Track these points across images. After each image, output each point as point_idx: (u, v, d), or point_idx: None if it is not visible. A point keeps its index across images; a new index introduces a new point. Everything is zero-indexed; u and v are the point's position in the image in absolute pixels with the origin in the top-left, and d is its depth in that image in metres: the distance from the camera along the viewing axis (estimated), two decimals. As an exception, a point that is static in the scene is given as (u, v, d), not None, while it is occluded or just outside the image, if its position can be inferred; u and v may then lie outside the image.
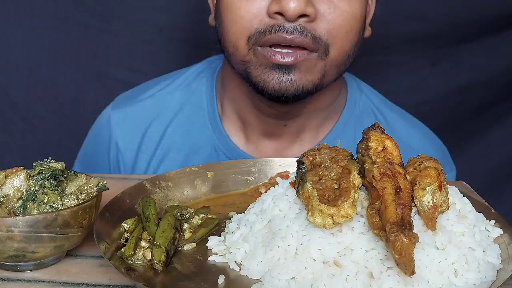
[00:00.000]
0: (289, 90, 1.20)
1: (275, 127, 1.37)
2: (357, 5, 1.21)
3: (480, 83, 2.05)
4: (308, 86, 1.22)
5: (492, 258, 0.81)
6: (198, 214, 0.96)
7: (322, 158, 0.89)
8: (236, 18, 1.20)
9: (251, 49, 1.20)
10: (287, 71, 1.19)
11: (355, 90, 1.46)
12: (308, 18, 1.16)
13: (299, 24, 1.16)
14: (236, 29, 1.21)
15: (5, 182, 0.87)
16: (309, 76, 1.21)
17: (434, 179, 0.82)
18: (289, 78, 1.19)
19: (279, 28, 1.16)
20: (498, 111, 2.10)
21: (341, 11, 1.19)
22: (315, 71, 1.21)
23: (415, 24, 1.51)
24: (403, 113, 1.52)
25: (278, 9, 1.15)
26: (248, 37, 1.20)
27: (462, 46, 2.00)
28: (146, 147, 1.43)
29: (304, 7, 1.14)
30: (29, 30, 1.90)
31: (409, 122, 1.49)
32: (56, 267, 0.87)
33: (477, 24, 1.95)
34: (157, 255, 0.82)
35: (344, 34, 1.20)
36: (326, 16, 1.18)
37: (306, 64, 1.19)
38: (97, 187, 0.90)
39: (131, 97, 1.50)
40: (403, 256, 0.70)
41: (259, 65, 1.21)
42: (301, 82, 1.20)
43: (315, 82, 1.22)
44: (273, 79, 1.19)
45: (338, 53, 1.21)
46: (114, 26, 1.91)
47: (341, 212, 0.78)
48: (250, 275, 0.81)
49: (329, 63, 1.22)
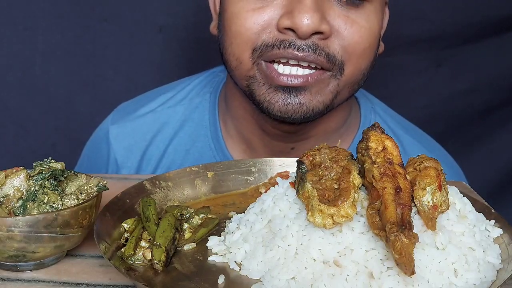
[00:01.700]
0: (297, 112, 1.11)
1: (282, 151, 1.27)
2: (375, 20, 1.13)
3: (485, 85, 2.04)
4: (319, 108, 1.12)
5: (492, 258, 0.81)
6: (198, 214, 0.96)
7: (322, 158, 0.89)
8: (242, 30, 1.11)
9: (255, 62, 1.12)
10: (295, 93, 1.10)
11: (369, 112, 1.36)
12: (322, 35, 1.07)
13: (312, 42, 1.07)
14: (240, 41, 1.12)
15: (5, 182, 0.87)
16: (320, 97, 1.12)
17: (434, 179, 0.82)
18: (298, 101, 1.10)
19: (290, 44, 1.07)
20: (504, 113, 2.08)
21: (359, 27, 1.10)
22: (327, 91, 1.12)
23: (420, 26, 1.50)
24: (418, 134, 1.43)
25: (289, 25, 1.06)
26: (253, 49, 1.11)
27: (467, 48, 1.98)
28: (146, 166, 1.36)
29: (319, 24, 1.05)
30: (22, 30, 1.84)
31: (424, 145, 1.39)
32: (56, 267, 0.87)
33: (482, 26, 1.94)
34: (157, 255, 0.82)
35: (361, 52, 1.11)
36: (342, 33, 1.09)
37: (318, 85, 1.11)
38: (97, 187, 0.90)
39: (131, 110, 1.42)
40: (403, 256, 0.71)
41: (263, 83, 1.12)
42: (311, 104, 1.11)
43: (327, 103, 1.13)
44: (278, 101, 1.10)
45: (354, 71, 1.13)
46: (113, 26, 1.89)
47: (341, 212, 0.78)
48: (250, 275, 0.81)
49: (343, 82, 1.13)
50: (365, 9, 1.12)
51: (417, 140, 1.40)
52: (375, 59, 1.18)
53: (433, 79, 2.02)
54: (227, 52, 1.17)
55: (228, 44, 1.15)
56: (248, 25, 1.10)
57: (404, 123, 1.44)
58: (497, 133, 2.09)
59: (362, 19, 1.11)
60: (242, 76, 1.15)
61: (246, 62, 1.13)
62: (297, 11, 1.05)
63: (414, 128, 1.45)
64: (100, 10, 1.88)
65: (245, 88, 1.17)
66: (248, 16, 1.10)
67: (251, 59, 1.12)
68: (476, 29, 1.93)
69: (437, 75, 2.01)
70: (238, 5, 1.12)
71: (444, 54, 1.98)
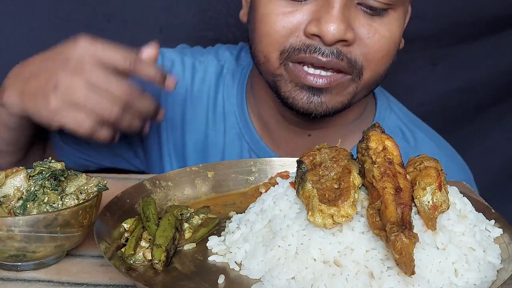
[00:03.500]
0: (318, 110, 1.18)
1: (299, 136, 1.34)
2: (396, 28, 1.18)
3: (480, 83, 2.05)
4: (337, 107, 1.20)
5: (492, 258, 0.81)
6: (198, 214, 0.96)
7: (322, 158, 0.89)
8: (271, 32, 1.16)
9: (282, 63, 1.17)
10: (318, 93, 1.17)
11: (384, 109, 1.42)
12: (346, 43, 1.13)
13: (336, 48, 1.13)
14: (269, 42, 1.17)
15: (5, 182, 0.88)
16: (339, 98, 1.19)
17: (434, 179, 0.82)
18: (320, 100, 1.17)
19: (315, 50, 1.13)
20: (499, 111, 2.10)
21: (380, 36, 1.15)
22: (346, 93, 1.19)
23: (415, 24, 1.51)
24: (432, 133, 1.48)
25: (316, 32, 1.12)
26: (281, 51, 1.16)
27: (462, 46, 1.99)
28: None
29: (344, 32, 1.10)
30: (29, 30, 1.88)
31: (436, 144, 1.45)
32: (56, 267, 0.87)
33: (477, 24, 1.95)
34: (157, 255, 0.82)
35: (380, 59, 1.17)
36: (364, 40, 1.14)
37: (338, 87, 1.17)
38: (97, 187, 0.90)
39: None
40: (403, 256, 0.71)
41: (290, 81, 1.18)
42: (331, 103, 1.18)
43: (345, 102, 1.20)
44: (302, 99, 1.17)
45: (372, 76, 1.19)
46: (114, 26, 1.90)
47: (341, 212, 0.78)
48: (250, 275, 0.81)
49: (361, 85, 1.19)
50: (389, 17, 1.17)
51: (430, 138, 1.45)
52: (394, 61, 1.24)
53: (429, 78, 2.03)
54: (256, 49, 1.22)
55: (257, 41, 1.21)
56: (278, 27, 1.15)
57: (418, 122, 1.49)
58: (492, 130, 2.11)
59: (384, 29, 1.16)
60: (269, 72, 1.21)
61: (274, 62, 1.18)
62: (324, 20, 1.11)
63: (427, 127, 1.50)
64: (103, 11, 1.89)
65: (270, 82, 1.23)
66: (278, 19, 1.15)
67: (278, 59, 1.18)
68: (471, 28, 1.94)
69: (433, 73, 2.03)
70: (268, 8, 1.16)
71: (439, 53, 1.99)
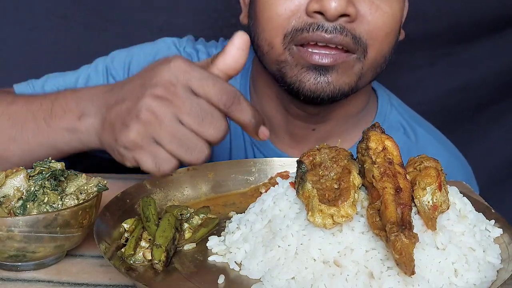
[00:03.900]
0: (326, 91, 1.17)
1: (303, 131, 1.34)
2: (397, 6, 1.19)
3: (479, 83, 2.06)
4: (344, 88, 1.19)
5: (492, 258, 0.81)
6: (198, 214, 0.96)
7: (322, 158, 0.89)
8: (273, 15, 1.17)
9: (286, 47, 1.17)
10: (324, 72, 1.16)
11: (386, 104, 1.43)
12: (348, 18, 1.13)
13: (339, 24, 1.13)
14: (272, 27, 1.18)
15: (5, 182, 0.87)
16: (346, 78, 1.18)
17: (434, 179, 0.82)
18: (326, 79, 1.16)
19: (318, 27, 1.13)
20: (497, 111, 2.11)
21: (382, 12, 1.16)
22: (352, 73, 1.19)
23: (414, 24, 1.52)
24: (432, 129, 1.49)
25: (318, 8, 1.12)
26: (284, 34, 1.17)
27: (461, 46, 2.00)
28: None
29: (345, 6, 1.11)
30: (28, 30, 1.88)
31: (438, 140, 1.46)
32: (56, 267, 0.87)
33: (475, 24, 1.96)
34: (157, 255, 0.82)
35: (384, 36, 1.18)
36: (367, 17, 1.15)
37: (344, 66, 1.17)
38: (97, 187, 0.90)
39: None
40: (403, 256, 0.70)
41: (295, 65, 1.18)
42: (338, 83, 1.17)
43: (352, 84, 1.19)
44: (309, 80, 1.16)
45: (376, 55, 1.19)
46: (114, 26, 1.90)
47: (341, 212, 0.78)
48: (250, 275, 0.81)
49: (367, 65, 1.19)
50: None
51: (431, 134, 1.46)
52: (397, 44, 1.24)
53: (428, 77, 2.03)
54: (259, 38, 1.23)
55: (260, 30, 1.21)
56: (280, 11, 1.16)
57: (418, 118, 1.50)
58: (491, 130, 2.11)
59: (386, 5, 1.17)
60: (273, 60, 1.21)
61: (278, 47, 1.19)
62: None
63: (428, 123, 1.51)
64: (102, 10, 1.89)
65: (275, 72, 1.23)
66: (279, 3, 1.16)
67: (282, 44, 1.18)
68: (470, 28, 1.95)
69: (432, 73, 2.03)
70: None
71: (438, 52, 2.00)
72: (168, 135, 0.85)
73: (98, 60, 1.49)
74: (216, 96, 0.86)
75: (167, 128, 0.85)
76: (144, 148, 0.86)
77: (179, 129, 0.85)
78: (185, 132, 0.86)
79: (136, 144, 0.86)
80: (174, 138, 0.85)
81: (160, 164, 0.87)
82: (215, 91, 0.86)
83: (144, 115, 0.86)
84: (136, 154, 0.87)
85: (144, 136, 0.86)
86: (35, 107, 1.10)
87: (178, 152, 0.86)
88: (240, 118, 0.89)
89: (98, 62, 1.49)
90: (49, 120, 1.07)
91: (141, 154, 0.87)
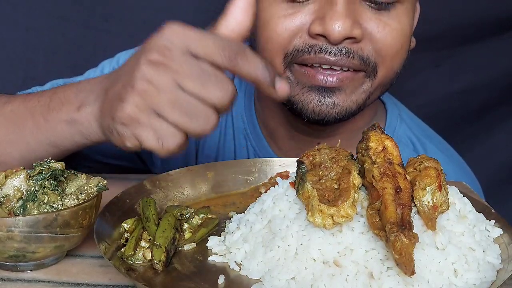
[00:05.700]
0: (331, 113, 1.11)
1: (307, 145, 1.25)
2: (406, 20, 1.13)
3: (482, 85, 2.05)
4: (352, 108, 1.13)
5: (492, 258, 0.81)
6: (198, 214, 0.96)
7: (322, 158, 0.89)
8: (273, 35, 1.11)
9: (287, 67, 1.12)
10: (330, 94, 1.10)
11: (395, 118, 1.37)
12: (354, 40, 1.07)
13: (344, 46, 1.07)
14: (272, 47, 1.12)
15: (5, 182, 0.88)
16: (354, 97, 1.12)
17: (434, 179, 0.82)
18: (332, 101, 1.10)
19: (321, 49, 1.07)
20: (501, 113, 2.10)
21: (391, 29, 1.10)
22: (361, 91, 1.12)
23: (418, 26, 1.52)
24: (443, 145, 1.44)
25: (321, 31, 1.06)
26: (285, 54, 1.11)
27: (464, 48, 1.99)
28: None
29: (350, 30, 1.05)
30: (25, 30, 1.87)
31: (447, 155, 1.39)
32: (56, 267, 0.87)
33: (479, 26, 1.95)
34: (157, 255, 0.82)
35: (394, 54, 1.12)
36: (375, 35, 1.09)
37: (352, 84, 1.11)
38: (97, 187, 0.90)
39: None
40: (403, 256, 0.70)
41: (297, 83, 1.12)
42: (345, 104, 1.11)
43: (360, 102, 1.13)
44: (313, 101, 1.10)
45: (387, 73, 1.13)
46: (113, 26, 1.90)
47: (341, 212, 0.78)
48: (250, 275, 0.81)
49: (376, 83, 1.13)
50: (397, 10, 1.12)
51: (441, 150, 1.40)
52: (408, 56, 1.19)
53: (431, 79, 2.03)
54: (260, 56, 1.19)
55: (260, 49, 1.16)
56: (280, 31, 1.11)
57: (429, 132, 1.44)
58: (494, 132, 2.11)
59: (394, 21, 1.11)
60: None
61: (278, 67, 1.13)
62: (329, 17, 1.05)
63: (439, 138, 1.46)
64: (101, 10, 1.88)
65: None
66: (279, 22, 1.11)
67: (283, 64, 1.13)
68: (473, 30, 1.95)
69: (435, 75, 2.03)
70: (270, 12, 1.12)
71: (442, 54, 1.99)
72: (169, 103, 0.75)
73: (103, 63, 1.45)
74: (218, 52, 0.75)
75: (166, 96, 0.75)
76: (143, 122, 0.76)
77: (180, 95, 0.75)
78: (187, 98, 0.75)
79: (134, 118, 0.76)
80: (176, 106, 0.75)
81: (164, 138, 0.77)
82: (216, 48, 0.75)
83: (139, 85, 0.76)
84: (136, 130, 0.77)
85: (142, 108, 0.76)
86: (32, 104, 1.03)
87: (182, 121, 0.75)
88: (249, 70, 0.77)
89: (104, 64, 1.44)
90: (47, 115, 0.99)
91: (141, 130, 0.77)
